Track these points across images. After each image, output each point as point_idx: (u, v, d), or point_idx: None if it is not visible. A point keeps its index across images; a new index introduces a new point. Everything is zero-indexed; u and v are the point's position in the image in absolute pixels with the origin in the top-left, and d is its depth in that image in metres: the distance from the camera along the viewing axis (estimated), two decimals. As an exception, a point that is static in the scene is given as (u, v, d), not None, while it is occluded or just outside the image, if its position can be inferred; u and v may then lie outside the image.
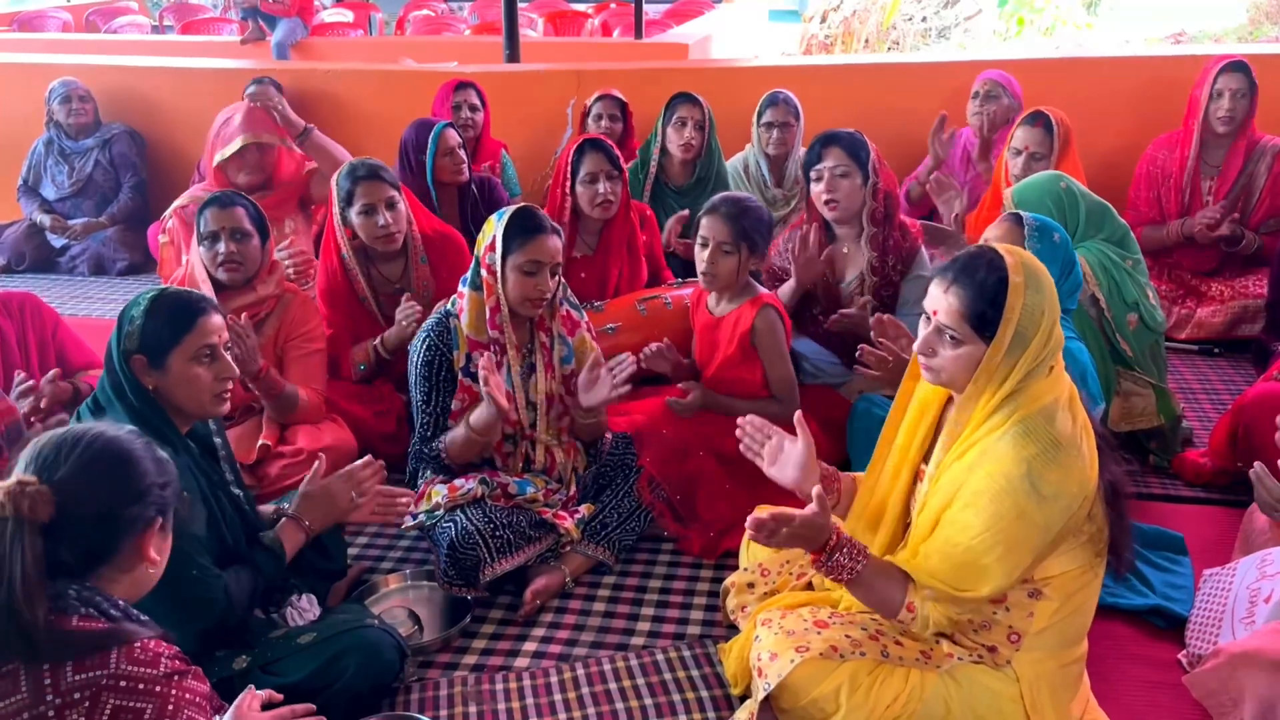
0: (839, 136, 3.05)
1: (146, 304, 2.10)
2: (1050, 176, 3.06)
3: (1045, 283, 1.79)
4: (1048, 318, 1.77)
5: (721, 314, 2.95)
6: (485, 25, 8.93)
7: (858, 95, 5.02)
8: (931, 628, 1.87)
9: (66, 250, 5.34)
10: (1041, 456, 1.73)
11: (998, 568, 1.75)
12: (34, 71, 5.69)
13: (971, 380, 1.80)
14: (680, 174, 4.24)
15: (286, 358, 3.07)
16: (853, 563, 1.85)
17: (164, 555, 1.54)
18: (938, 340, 1.83)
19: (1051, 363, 1.80)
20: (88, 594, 1.40)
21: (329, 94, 5.37)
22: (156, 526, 1.50)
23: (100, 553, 1.44)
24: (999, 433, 1.77)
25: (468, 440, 2.57)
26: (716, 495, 2.75)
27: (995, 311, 1.75)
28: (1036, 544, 1.75)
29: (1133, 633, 2.35)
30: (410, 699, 2.21)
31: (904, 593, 1.87)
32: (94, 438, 1.46)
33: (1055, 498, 1.73)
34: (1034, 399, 1.77)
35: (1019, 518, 1.73)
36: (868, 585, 1.89)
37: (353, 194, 3.17)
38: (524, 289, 2.55)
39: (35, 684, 1.29)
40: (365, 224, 3.18)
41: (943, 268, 1.86)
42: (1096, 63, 5.20)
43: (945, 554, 1.80)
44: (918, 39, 10.51)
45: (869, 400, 2.91)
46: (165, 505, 1.51)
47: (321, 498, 2.29)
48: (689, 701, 2.17)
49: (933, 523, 1.85)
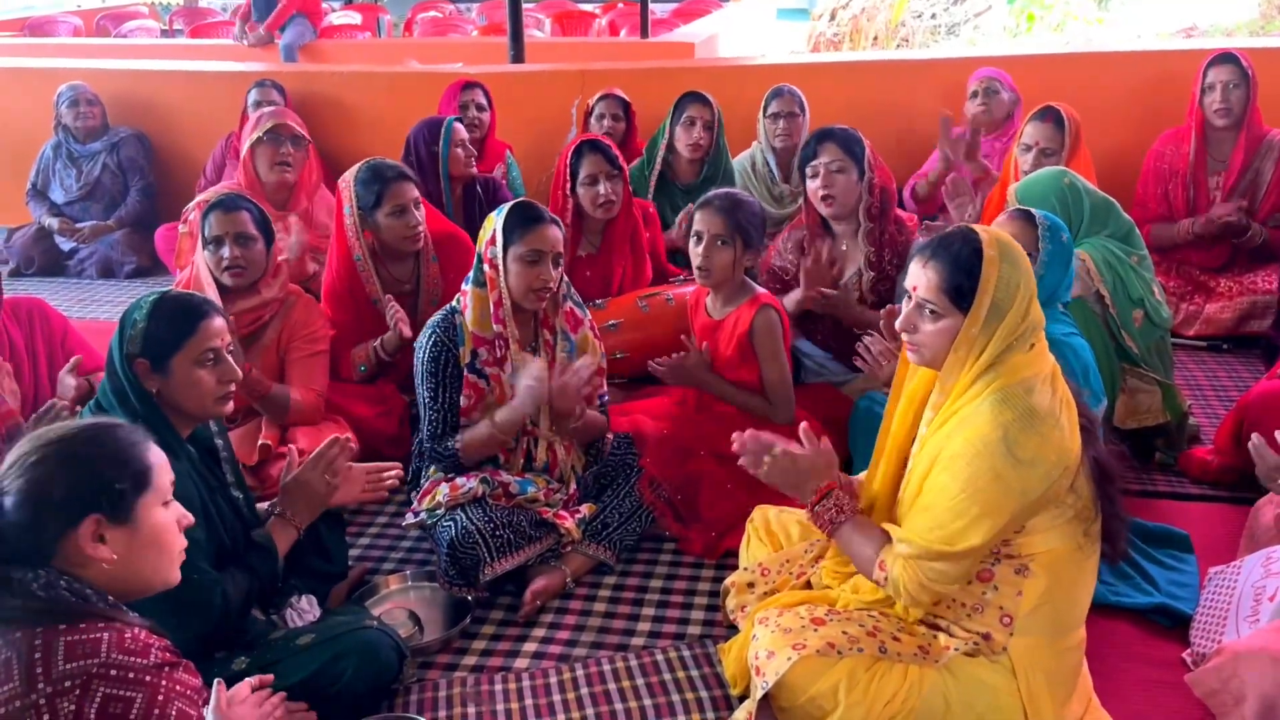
0: (833, 132, 3.07)
1: (149, 308, 2.11)
2: (1054, 173, 3.05)
3: (1020, 258, 1.84)
4: (1023, 291, 1.82)
5: (720, 316, 2.94)
6: (493, 26, 8.95)
7: (864, 92, 5.01)
8: (903, 593, 1.87)
9: (75, 254, 5.37)
10: (1018, 422, 1.77)
11: (974, 528, 1.78)
12: (43, 76, 5.72)
13: (951, 350, 1.84)
14: (688, 172, 4.24)
15: (289, 359, 3.08)
16: (837, 513, 1.95)
17: (127, 551, 1.49)
18: (918, 316, 1.88)
19: (1032, 340, 1.84)
20: (78, 586, 1.41)
21: (335, 96, 5.39)
22: (90, 521, 1.44)
23: (35, 546, 1.42)
24: (977, 401, 1.82)
25: (489, 438, 2.59)
26: (718, 495, 2.75)
27: (971, 282, 1.81)
28: (1013, 507, 1.78)
29: (1137, 631, 2.33)
30: (410, 700, 2.21)
31: (879, 550, 1.91)
32: (45, 434, 1.46)
33: (1032, 463, 1.76)
34: (1013, 371, 1.81)
35: (995, 480, 1.77)
36: (848, 540, 1.97)
37: (383, 195, 3.18)
38: (527, 279, 2.55)
39: (27, 672, 1.30)
40: (396, 224, 3.20)
41: (920, 245, 1.92)
42: (1104, 58, 5.17)
43: (923, 515, 1.85)
44: (927, 36, 10.48)
45: (871, 398, 2.90)
46: (107, 499, 1.46)
47: (298, 489, 2.30)
48: (689, 702, 2.17)
49: (917, 491, 1.90)
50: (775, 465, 1.98)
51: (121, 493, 1.48)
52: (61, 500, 1.42)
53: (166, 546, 1.56)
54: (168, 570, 1.57)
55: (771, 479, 2.00)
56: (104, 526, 1.45)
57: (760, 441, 1.96)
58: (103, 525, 1.45)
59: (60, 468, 1.43)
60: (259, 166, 4.20)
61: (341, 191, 3.27)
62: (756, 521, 2.46)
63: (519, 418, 2.56)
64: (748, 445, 2.05)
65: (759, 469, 1.98)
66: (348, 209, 3.24)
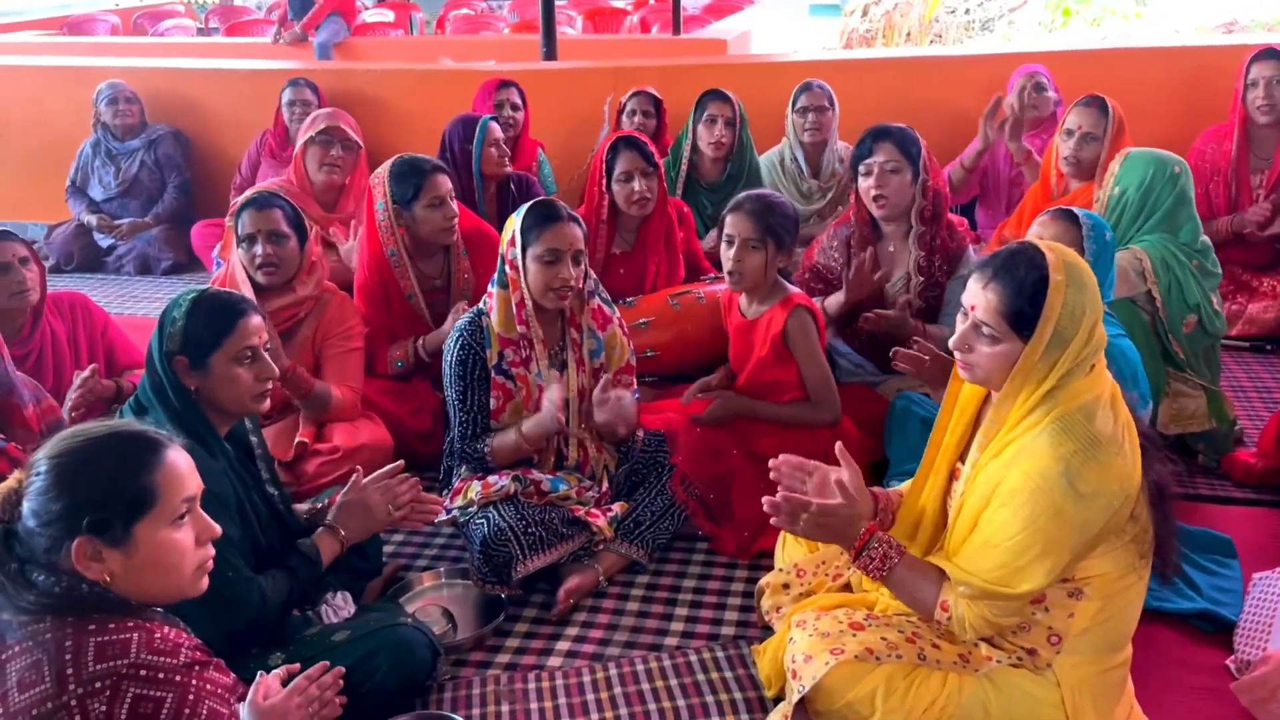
0: (891, 131, 2.99)
1: (188, 306, 2.13)
2: (1170, 156, 2.96)
3: (1088, 282, 1.75)
4: (1089, 317, 1.73)
5: (753, 316, 2.92)
6: (525, 24, 8.97)
7: (895, 89, 4.97)
8: (970, 630, 1.83)
9: (113, 250, 5.44)
10: (1079, 454, 1.69)
11: (1035, 567, 1.72)
12: (81, 75, 5.79)
13: (1009, 379, 1.77)
14: (712, 171, 4.23)
15: (324, 356, 3.10)
16: (886, 559, 1.85)
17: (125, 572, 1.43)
18: (974, 336, 1.80)
19: (1093, 361, 1.76)
20: (98, 589, 1.41)
21: (369, 94, 5.41)
22: (79, 543, 1.39)
23: (44, 553, 1.40)
24: (1036, 430, 1.74)
25: (517, 446, 2.60)
26: (751, 494, 2.72)
27: (1034, 310, 1.72)
28: (1074, 543, 1.72)
29: (1179, 637, 2.29)
30: (443, 697, 2.21)
31: (939, 591, 1.84)
32: (61, 442, 1.44)
33: (1094, 496, 1.69)
34: (1073, 396, 1.73)
35: (1055, 516, 1.69)
36: (901, 582, 1.87)
37: (420, 187, 3.19)
38: (545, 279, 2.55)
39: (58, 674, 1.30)
40: (433, 216, 3.21)
41: (982, 262, 1.82)
42: (1141, 53, 5.09)
43: (983, 553, 1.77)
44: (960, 32, 10.37)
45: (907, 398, 2.87)
46: (97, 524, 1.40)
47: (359, 509, 2.29)
48: (723, 703, 2.16)
49: (971, 523, 1.83)
50: (811, 521, 1.85)
51: (108, 520, 1.42)
52: (57, 515, 1.40)
53: (171, 567, 1.49)
54: (180, 586, 1.51)
55: (810, 535, 1.90)
56: (97, 545, 1.41)
57: (794, 503, 1.85)
58: (96, 544, 1.41)
59: (58, 483, 1.40)
60: (309, 165, 4.24)
61: (374, 188, 3.28)
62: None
63: (543, 432, 2.57)
64: (783, 471, 2.02)
65: (795, 527, 1.87)
66: (380, 204, 3.25)
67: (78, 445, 1.44)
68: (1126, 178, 2.94)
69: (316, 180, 4.23)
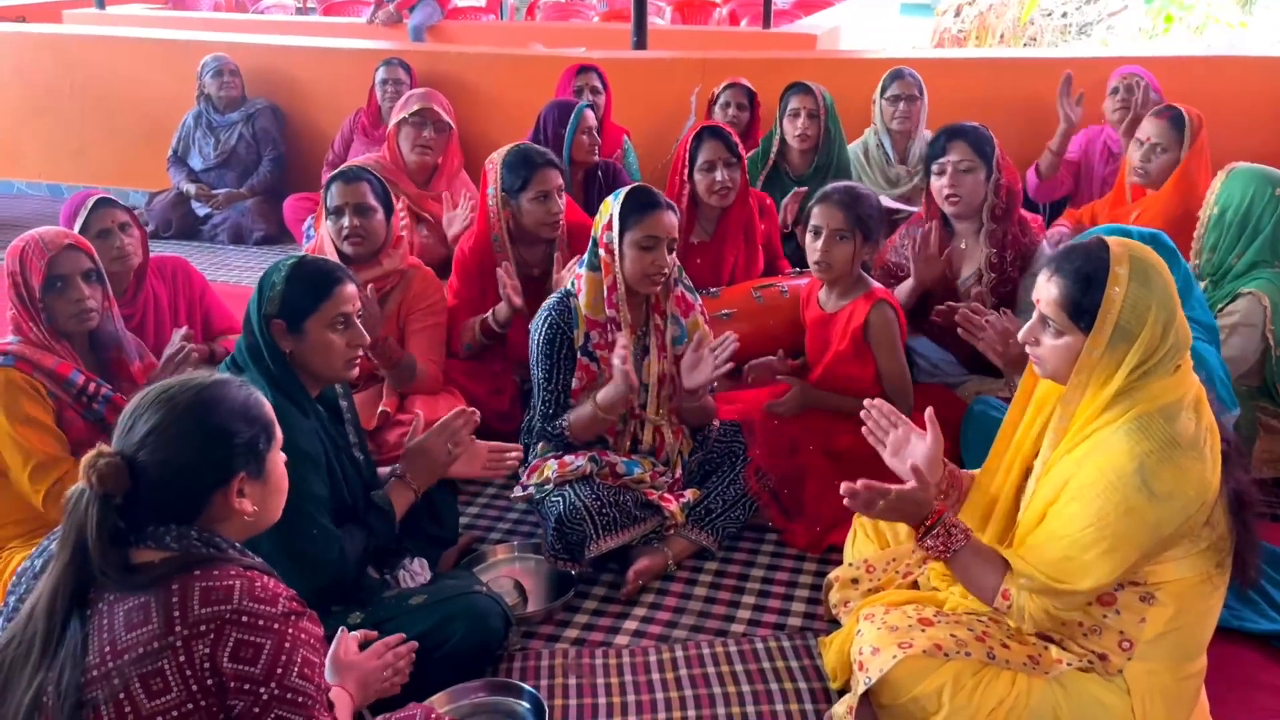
0: (964, 130, 3.01)
1: (287, 270, 2.20)
2: (1274, 174, 2.89)
3: (1156, 277, 1.73)
4: (1158, 313, 1.71)
5: (833, 310, 2.92)
6: (614, 13, 8.99)
7: (985, 88, 4.90)
8: (1029, 622, 1.82)
9: (209, 219, 5.61)
10: (1156, 454, 1.68)
11: (1100, 563, 1.71)
12: (185, 49, 5.98)
13: (1073, 373, 1.77)
14: (800, 163, 4.21)
15: (408, 330, 3.17)
16: (951, 540, 1.87)
17: (261, 501, 1.55)
18: (1041, 329, 1.82)
19: (1176, 361, 1.74)
20: (209, 536, 1.46)
21: (460, 77, 5.49)
22: (238, 480, 1.49)
23: (187, 508, 1.46)
24: (1113, 427, 1.72)
25: (593, 418, 2.61)
26: (824, 491, 2.73)
27: (1091, 302, 1.72)
28: (1144, 542, 1.70)
29: (1258, 658, 2.25)
30: (513, 666, 2.27)
31: (1000, 579, 1.84)
32: (172, 396, 1.47)
33: (1168, 498, 1.67)
34: (1153, 397, 1.72)
35: (1127, 513, 1.68)
36: (965, 566, 1.88)
37: (529, 179, 3.23)
38: (642, 265, 2.57)
39: (165, 616, 1.36)
40: (538, 209, 3.25)
41: (1050, 255, 1.84)
42: (1247, 62, 4.93)
43: (1048, 545, 1.77)
44: (1056, 35, 10.14)
45: (985, 402, 2.84)
46: (248, 457, 1.51)
47: (420, 454, 2.38)
48: (786, 691, 2.17)
49: (1039, 516, 1.83)
50: (888, 504, 1.88)
51: (260, 450, 1.54)
52: (214, 463, 1.48)
53: (285, 489, 1.63)
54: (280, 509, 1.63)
55: (885, 516, 1.94)
56: (245, 482, 1.51)
57: (874, 490, 1.88)
58: (244, 481, 1.51)
59: (202, 433, 1.47)
60: (401, 145, 4.34)
61: (487, 172, 3.34)
62: (864, 518, 2.44)
63: (617, 396, 2.54)
64: (873, 413, 2.09)
65: (872, 510, 1.90)
66: (491, 189, 3.30)
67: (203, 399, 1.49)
68: (1226, 196, 2.86)
69: (409, 160, 4.32)
